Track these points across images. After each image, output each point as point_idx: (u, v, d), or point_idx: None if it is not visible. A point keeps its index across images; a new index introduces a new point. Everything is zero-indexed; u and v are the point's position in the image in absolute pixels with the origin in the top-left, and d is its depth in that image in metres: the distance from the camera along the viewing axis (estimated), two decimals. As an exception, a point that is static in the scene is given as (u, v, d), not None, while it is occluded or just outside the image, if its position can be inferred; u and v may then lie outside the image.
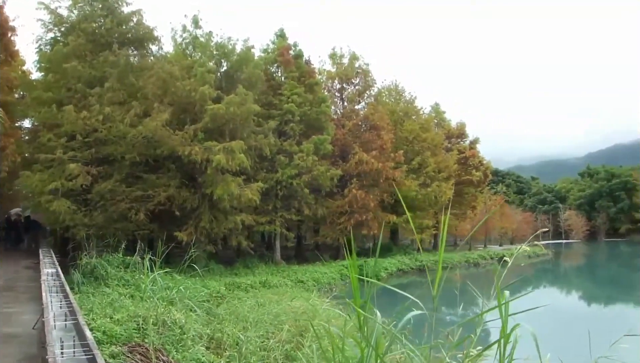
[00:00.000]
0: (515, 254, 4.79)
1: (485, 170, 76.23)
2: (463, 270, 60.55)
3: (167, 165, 34.64)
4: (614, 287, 51.95)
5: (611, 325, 25.38)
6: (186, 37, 39.72)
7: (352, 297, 4.37)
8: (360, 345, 4.13)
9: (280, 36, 48.52)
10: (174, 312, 13.74)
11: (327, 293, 25.47)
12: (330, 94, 53.91)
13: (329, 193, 47.07)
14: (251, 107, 36.08)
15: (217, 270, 36.07)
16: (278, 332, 13.63)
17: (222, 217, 35.40)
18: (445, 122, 74.67)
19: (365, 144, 49.74)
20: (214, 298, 26.41)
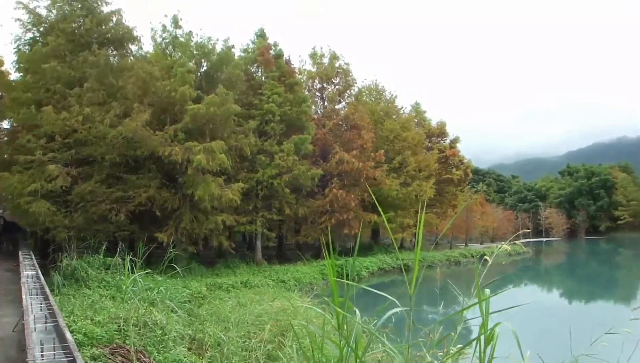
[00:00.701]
0: (496, 253, 4.88)
1: (465, 169, 76.82)
2: (444, 268, 60.95)
3: (147, 165, 34.58)
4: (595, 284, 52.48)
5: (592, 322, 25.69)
6: (166, 37, 39.70)
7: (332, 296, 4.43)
8: (339, 345, 4.16)
9: (260, 36, 48.54)
10: (155, 313, 13.80)
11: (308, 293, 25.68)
12: (310, 93, 54.17)
13: (309, 192, 47.26)
14: (231, 107, 36.11)
15: (198, 270, 36.08)
16: (260, 332, 13.70)
17: (202, 217, 35.42)
18: (425, 121, 75.23)
19: (345, 143, 49.96)
20: (196, 299, 26.41)
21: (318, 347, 4.54)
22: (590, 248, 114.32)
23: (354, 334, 4.01)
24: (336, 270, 7.15)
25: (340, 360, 4.04)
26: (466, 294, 4.57)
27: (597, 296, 42.69)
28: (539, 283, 56.84)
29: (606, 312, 32.66)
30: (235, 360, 10.77)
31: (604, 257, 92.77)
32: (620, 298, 39.56)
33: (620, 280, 56.34)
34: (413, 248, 64.97)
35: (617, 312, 32.04)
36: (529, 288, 52.36)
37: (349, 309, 4.22)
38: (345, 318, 4.15)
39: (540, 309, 33.28)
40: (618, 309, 33.86)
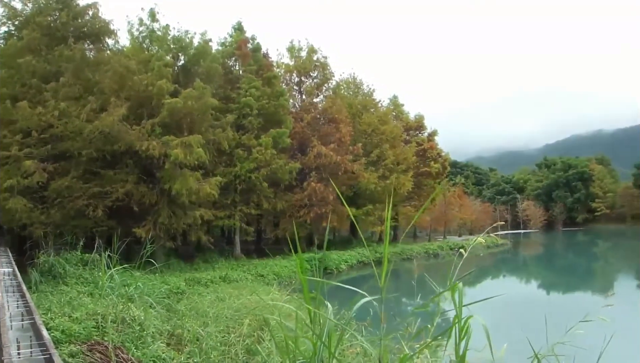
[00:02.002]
0: (471, 245, 4.91)
1: (443, 162, 77.36)
2: (423, 260, 61.32)
3: (124, 160, 34.58)
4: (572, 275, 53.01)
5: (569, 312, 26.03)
6: (143, 31, 39.48)
7: (312, 291, 4.49)
8: (312, 340, 4.18)
9: (237, 29, 48.56)
10: (133, 309, 13.83)
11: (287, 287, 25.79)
12: (288, 87, 54.20)
13: (288, 186, 47.43)
14: (209, 101, 36.19)
15: (177, 265, 36.14)
16: (238, 326, 13.76)
17: (180, 212, 35.48)
18: (403, 114, 75.52)
19: (323, 137, 50.16)
20: (174, 294, 26.40)
21: (293, 342, 4.53)
22: (568, 240, 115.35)
23: (326, 329, 4.07)
24: (314, 263, 7.26)
25: (314, 355, 4.09)
26: (443, 286, 4.53)
27: (574, 287, 43.13)
28: (517, 274, 57.33)
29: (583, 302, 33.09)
30: (214, 355, 10.82)
31: (581, 249, 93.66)
32: (597, 289, 40.05)
33: (597, 271, 57.04)
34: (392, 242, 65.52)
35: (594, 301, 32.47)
36: (508, 279, 52.87)
37: (322, 304, 4.27)
38: (318, 313, 4.20)
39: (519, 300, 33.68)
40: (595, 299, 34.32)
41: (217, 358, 10.46)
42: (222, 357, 10.77)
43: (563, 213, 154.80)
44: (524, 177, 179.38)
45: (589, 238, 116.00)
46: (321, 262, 34.45)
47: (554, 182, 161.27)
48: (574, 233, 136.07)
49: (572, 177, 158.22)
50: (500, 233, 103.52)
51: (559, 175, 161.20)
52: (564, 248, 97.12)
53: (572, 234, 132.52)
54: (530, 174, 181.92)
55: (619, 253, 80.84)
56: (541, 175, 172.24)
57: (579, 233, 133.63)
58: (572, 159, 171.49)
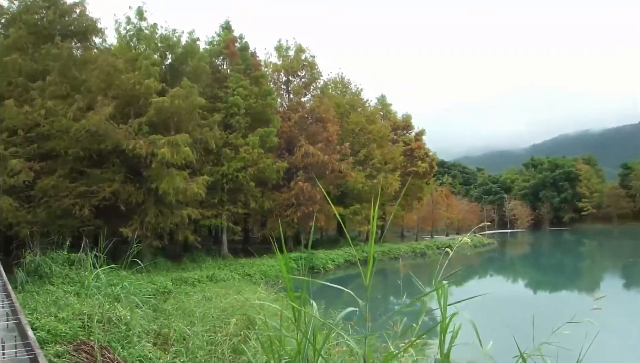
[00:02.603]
0: (457, 244, 4.96)
1: (431, 162, 77.60)
2: (410, 260, 61.50)
3: (111, 159, 34.53)
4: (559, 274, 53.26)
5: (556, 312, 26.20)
6: (130, 29, 39.25)
7: (298, 290, 4.50)
8: (297, 339, 4.18)
9: (225, 28, 48.49)
10: (119, 309, 13.84)
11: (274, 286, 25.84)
12: (276, 86, 54.35)
13: (275, 186, 47.55)
14: (196, 100, 36.20)
15: (164, 265, 36.11)
16: (225, 325, 13.78)
17: (167, 211, 35.48)
18: (391, 114, 75.80)
19: (311, 136, 50.25)
20: (161, 294, 26.41)
21: (278, 341, 4.61)
22: (554, 240, 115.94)
23: (311, 327, 4.10)
24: (301, 263, 7.35)
25: (299, 354, 4.11)
26: (430, 285, 4.59)
27: (561, 286, 43.31)
28: (504, 274, 57.56)
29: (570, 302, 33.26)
30: (201, 355, 10.83)
31: (567, 248, 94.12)
32: (584, 289, 40.27)
33: (584, 271, 57.38)
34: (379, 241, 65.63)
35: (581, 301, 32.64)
36: (495, 279, 53.10)
37: (307, 302, 4.30)
38: (304, 312, 4.21)
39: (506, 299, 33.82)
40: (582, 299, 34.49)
41: (203, 357, 10.49)
42: (208, 356, 10.79)
43: (550, 212, 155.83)
44: (511, 176, 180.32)
45: (576, 237, 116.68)
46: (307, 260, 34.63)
47: (541, 181, 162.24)
48: (561, 232, 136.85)
49: (559, 177, 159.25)
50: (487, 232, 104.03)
51: (546, 175, 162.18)
52: (551, 247, 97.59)
53: (558, 234, 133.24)
54: (517, 173, 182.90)
55: (606, 252, 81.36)
56: (528, 174, 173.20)
57: (566, 233, 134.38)
58: (559, 158, 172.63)
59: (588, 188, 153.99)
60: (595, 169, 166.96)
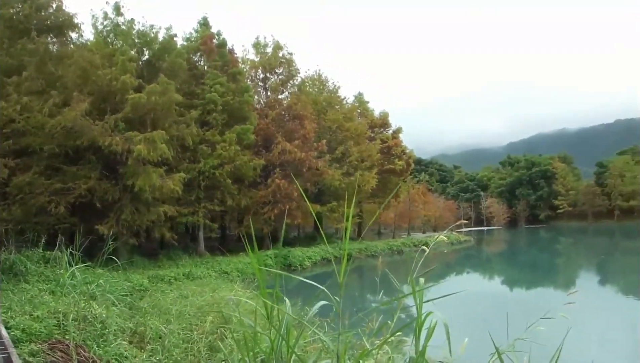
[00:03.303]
0: (433, 242, 5.00)
1: (408, 159, 78.03)
2: (387, 257, 61.69)
3: (87, 156, 34.35)
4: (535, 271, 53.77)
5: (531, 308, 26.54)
6: (107, 25, 39.06)
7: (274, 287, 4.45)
8: (270, 336, 4.21)
9: (203, 24, 48.45)
10: (95, 307, 13.83)
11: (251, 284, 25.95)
12: (253, 83, 54.43)
13: (252, 183, 47.65)
14: (173, 97, 36.11)
15: (140, 263, 36.01)
16: (201, 323, 13.85)
17: (144, 208, 35.39)
18: (368, 111, 76.12)
19: (288, 133, 50.45)
20: (137, 292, 26.35)
21: (251, 338, 4.56)
22: (531, 237, 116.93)
23: (285, 324, 4.10)
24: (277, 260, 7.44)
25: (272, 350, 4.12)
26: (406, 282, 4.47)
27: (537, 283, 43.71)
28: (481, 271, 58.00)
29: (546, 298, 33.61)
30: (177, 353, 10.87)
31: (543, 245, 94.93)
32: (560, 285, 40.74)
33: (560, 267, 57.98)
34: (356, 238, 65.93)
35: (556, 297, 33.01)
36: (472, 276, 53.51)
37: (280, 299, 4.29)
38: (277, 309, 4.22)
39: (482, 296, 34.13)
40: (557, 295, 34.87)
41: (179, 355, 10.55)
42: (184, 354, 10.84)
43: (526, 210, 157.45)
44: (488, 174, 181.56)
45: (552, 235, 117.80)
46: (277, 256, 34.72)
47: (517, 179, 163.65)
48: (537, 230, 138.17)
49: (535, 175, 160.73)
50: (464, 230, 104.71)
51: (523, 173, 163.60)
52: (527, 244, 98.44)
53: (534, 231, 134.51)
54: (494, 171, 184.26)
55: (581, 249, 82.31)
56: (505, 173, 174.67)
57: (542, 230, 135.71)
58: (535, 157, 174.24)
59: (564, 186, 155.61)
60: (571, 167, 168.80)
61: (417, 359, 3.97)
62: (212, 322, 13.64)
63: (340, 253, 3.86)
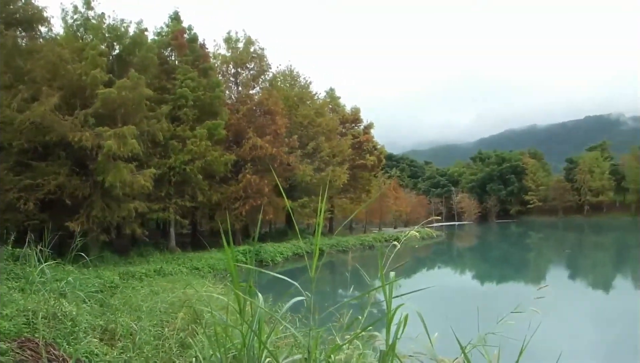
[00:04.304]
0: (404, 237, 4.98)
1: (379, 155, 78.59)
2: (358, 252, 62.10)
3: (57, 152, 34.29)
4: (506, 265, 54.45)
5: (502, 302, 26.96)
6: (77, 19, 38.80)
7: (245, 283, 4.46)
8: (241, 330, 4.17)
9: (174, 19, 48.37)
10: (64, 305, 13.84)
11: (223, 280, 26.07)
12: (224, 78, 54.41)
13: (223, 178, 47.74)
14: (143, 92, 36.14)
15: (111, 259, 35.97)
16: (172, 320, 13.89)
17: (114, 204, 35.35)
18: (340, 107, 76.33)
19: (259, 128, 50.57)
20: (108, 289, 26.31)
21: (223, 333, 4.57)
22: (501, 232, 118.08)
23: (257, 318, 4.08)
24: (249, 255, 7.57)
25: (243, 345, 4.10)
26: (377, 278, 4.46)
27: (508, 277, 44.19)
28: (452, 265, 58.57)
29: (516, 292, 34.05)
30: (148, 349, 10.91)
31: (514, 240, 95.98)
32: (530, 279, 41.28)
33: (530, 262, 58.73)
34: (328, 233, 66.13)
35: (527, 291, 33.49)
36: (443, 270, 54.05)
37: (253, 294, 4.26)
38: (250, 304, 4.20)
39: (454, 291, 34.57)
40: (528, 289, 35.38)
41: (150, 352, 10.57)
42: (155, 351, 10.84)
43: (497, 205, 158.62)
44: (459, 170, 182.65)
45: (522, 229, 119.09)
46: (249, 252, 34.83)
47: (488, 175, 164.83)
48: (507, 224, 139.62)
49: (506, 171, 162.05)
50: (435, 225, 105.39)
51: (493, 168, 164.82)
52: (498, 239, 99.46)
53: (505, 226, 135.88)
54: (465, 167, 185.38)
55: (551, 244, 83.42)
56: (476, 168, 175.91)
57: (512, 225, 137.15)
58: (506, 152, 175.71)
59: (534, 182, 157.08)
60: (541, 162, 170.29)
61: (387, 353, 4.03)
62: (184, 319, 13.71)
63: (311, 248, 3.98)
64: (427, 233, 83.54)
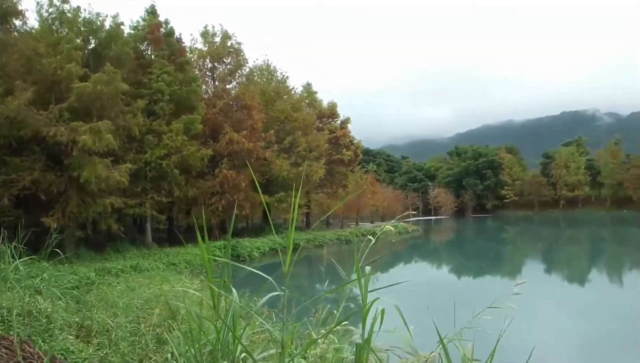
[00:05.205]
0: (380, 232, 5.07)
1: (356, 150, 78.83)
2: (335, 247, 62.31)
3: (31, 147, 34.10)
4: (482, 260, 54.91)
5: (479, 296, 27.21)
6: (52, 12, 38.46)
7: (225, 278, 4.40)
8: (215, 325, 4.17)
9: (151, 13, 48.04)
10: (40, 301, 13.80)
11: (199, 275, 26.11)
12: (201, 73, 54.34)
13: (200, 173, 47.68)
14: (119, 86, 35.96)
15: (87, 255, 35.80)
16: (149, 316, 13.89)
17: (90, 200, 35.20)
18: (316, 102, 76.54)
19: (236, 123, 50.59)
20: (84, 285, 26.24)
21: (197, 328, 4.55)
22: (478, 226, 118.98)
23: (231, 313, 4.07)
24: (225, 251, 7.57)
25: (218, 340, 4.11)
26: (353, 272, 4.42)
27: (484, 271, 44.54)
28: (428, 260, 59.01)
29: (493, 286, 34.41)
30: (124, 346, 10.93)
31: (490, 234, 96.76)
32: (507, 273, 41.76)
33: (506, 256, 59.31)
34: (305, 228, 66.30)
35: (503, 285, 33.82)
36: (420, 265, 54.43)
37: (227, 289, 4.25)
38: (224, 298, 4.22)
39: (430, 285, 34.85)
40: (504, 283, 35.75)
41: (126, 348, 10.59)
42: (131, 347, 10.85)
43: (473, 200, 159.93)
44: (436, 164, 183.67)
45: (498, 224, 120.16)
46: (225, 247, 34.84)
47: (464, 169, 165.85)
48: (484, 219, 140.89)
49: (482, 165, 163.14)
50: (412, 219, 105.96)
51: (470, 163, 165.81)
52: (474, 234, 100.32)
53: (481, 220, 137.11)
54: (441, 162, 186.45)
55: (527, 238, 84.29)
56: (452, 163, 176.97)
57: (489, 220, 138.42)
58: (482, 147, 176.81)
59: (510, 177, 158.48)
60: (517, 157, 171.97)
61: (363, 347, 4.06)
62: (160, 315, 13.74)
63: (289, 243, 4.00)
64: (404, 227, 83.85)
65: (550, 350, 17.69)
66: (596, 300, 29.84)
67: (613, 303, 28.41)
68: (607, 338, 20.41)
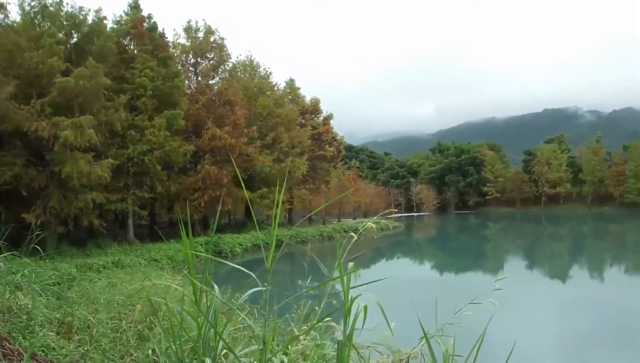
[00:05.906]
0: (362, 228, 5.12)
1: (338, 146, 79.23)
2: (317, 243, 62.37)
3: (12, 142, 33.94)
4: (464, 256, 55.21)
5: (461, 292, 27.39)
6: (35, 6, 38.44)
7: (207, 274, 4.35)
8: (197, 320, 4.11)
9: (134, 7, 47.93)
10: (20, 298, 13.79)
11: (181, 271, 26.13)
12: (184, 68, 54.35)
13: (182, 169, 47.80)
14: (102, 81, 35.91)
15: (68, 251, 35.68)
16: (130, 312, 13.91)
17: (71, 196, 35.13)
18: (299, 98, 76.58)
19: (218, 119, 50.66)
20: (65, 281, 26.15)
21: (178, 325, 4.50)
22: (460, 223, 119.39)
23: (213, 309, 4.05)
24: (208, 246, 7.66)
25: (199, 336, 4.05)
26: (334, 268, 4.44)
27: (466, 268, 44.73)
28: (411, 256, 59.17)
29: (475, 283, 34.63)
30: (105, 342, 10.94)
31: (472, 231, 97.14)
32: (488, 270, 41.97)
33: (488, 253, 59.63)
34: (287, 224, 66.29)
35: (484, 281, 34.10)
36: (402, 261, 54.63)
37: (209, 285, 4.24)
38: (206, 294, 4.19)
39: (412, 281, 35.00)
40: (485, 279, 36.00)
41: (108, 345, 10.59)
42: (113, 344, 10.86)
43: (455, 196, 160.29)
44: (418, 161, 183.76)
45: (480, 220, 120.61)
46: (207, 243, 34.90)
47: (446, 166, 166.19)
48: (466, 216, 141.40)
49: (465, 162, 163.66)
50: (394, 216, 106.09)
51: (452, 160, 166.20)
52: (457, 230, 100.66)
53: (464, 217, 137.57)
54: (424, 158, 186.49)
55: (509, 235, 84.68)
56: (435, 159, 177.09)
57: (471, 216, 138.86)
58: (464, 144, 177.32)
59: (492, 173, 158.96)
60: (499, 154, 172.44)
61: (344, 344, 4.01)
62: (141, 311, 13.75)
63: (271, 239, 4.05)
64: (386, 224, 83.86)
65: (532, 345, 17.93)
66: (576, 296, 30.20)
67: (593, 299, 28.79)
68: (587, 334, 20.73)
